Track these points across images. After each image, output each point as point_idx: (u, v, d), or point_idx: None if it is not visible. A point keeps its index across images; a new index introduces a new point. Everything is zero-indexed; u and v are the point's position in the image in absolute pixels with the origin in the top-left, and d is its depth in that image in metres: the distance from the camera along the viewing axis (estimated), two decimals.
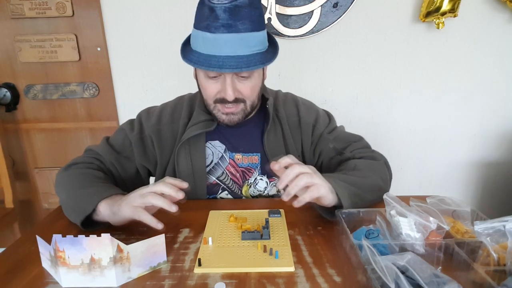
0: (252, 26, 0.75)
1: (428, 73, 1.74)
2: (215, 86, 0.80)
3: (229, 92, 0.78)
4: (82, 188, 0.76)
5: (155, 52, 1.73)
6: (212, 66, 0.74)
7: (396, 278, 0.49)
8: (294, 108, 0.95)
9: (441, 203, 0.72)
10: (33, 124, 1.86)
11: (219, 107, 0.83)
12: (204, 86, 0.83)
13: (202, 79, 0.82)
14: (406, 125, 1.83)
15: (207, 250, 0.66)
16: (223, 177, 0.92)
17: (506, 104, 1.79)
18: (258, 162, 0.92)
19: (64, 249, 0.55)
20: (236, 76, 0.79)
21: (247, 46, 0.75)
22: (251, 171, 0.93)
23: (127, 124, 0.94)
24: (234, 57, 0.74)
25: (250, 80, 0.81)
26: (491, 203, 1.95)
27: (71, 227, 0.77)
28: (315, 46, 1.71)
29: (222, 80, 0.79)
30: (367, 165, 0.86)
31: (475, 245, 0.60)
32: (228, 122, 0.85)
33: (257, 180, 0.93)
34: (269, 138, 0.91)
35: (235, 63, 0.73)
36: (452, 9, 1.53)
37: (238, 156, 0.92)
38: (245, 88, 0.81)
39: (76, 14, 1.69)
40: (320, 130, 0.94)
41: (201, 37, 0.76)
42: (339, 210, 0.71)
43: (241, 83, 0.80)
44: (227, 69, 0.73)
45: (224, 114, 0.84)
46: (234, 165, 0.92)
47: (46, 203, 1.97)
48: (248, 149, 0.92)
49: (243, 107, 0.83)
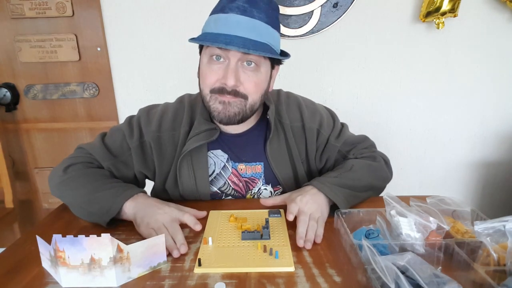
0: (268, 19, 0.73)
1: (428, 73, 1.74)
2: (217, 73, 0.75)
3: (230, 77, 0.73)
4: (100, 191, 0.76)
5: (155, 52, 1.73)
6: (218, 42, 0.70)
7: (396, 278, 0.49)
8: (297, 113, 0.91)
9: (441, 203, 0.72)
10: (33, 124, 1.86)
11: (216, 95, 0.76)
12: (204, 72, 0.77)
13: (205, 65, 0.77)
14: (406, 125, 1.83)
15: (207, 250, 0.66)
16: (225, 187, 0.90)
17: (506, 104, 1.79)
18: (262, 171, 0.90)
19: (64, 249, 0.55)
20: (241, 64, 0.74)
21: (258, 33, 0.72)
22: (254, 181, 0.90)
23: (125, 126, 0.88)
24: (242, 38, 0.70)
25: (256, 74, 0.76)
26: (491, 203, 1.95)
27: (71, 227, 0.77)
28: (315, 46, 1.71)
29: (225, 65, 0.74)
30: (363, 165, 0.86)
31: (475, 245, 0.60)
32: (224, 115, 0.77)
33: (261, 190, 0.91)
34: (272, 146, 0.87)
35: (242, 43, 0.69)
36: (452, 9, 1.53)
37: (242, 166, 0.89)
38: (248, 81, 0.75)
39: (76, 14, 1.69)
40: (325, 136, 0.91)
41: (214, 19, 0.74)
42: (338, 210, 0.73)
43: (245, 74, 0.75)
44: (233, 46, 0.69)
45: (220, 104, 0.76)
46: (237, 175, 0.90)
47: (46, 203, 1.97)
48: (251, 158, 0.89)
49: (243, 103, 0.77)
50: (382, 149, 0.99)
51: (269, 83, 0.83)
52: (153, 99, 0.95)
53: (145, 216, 0.72)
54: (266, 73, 0.79)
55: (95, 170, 0.83)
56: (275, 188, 0.92)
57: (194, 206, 0.84)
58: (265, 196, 0.92)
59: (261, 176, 0.90)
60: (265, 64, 0.78)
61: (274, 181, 0.91)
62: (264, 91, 0.81)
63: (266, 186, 0.91)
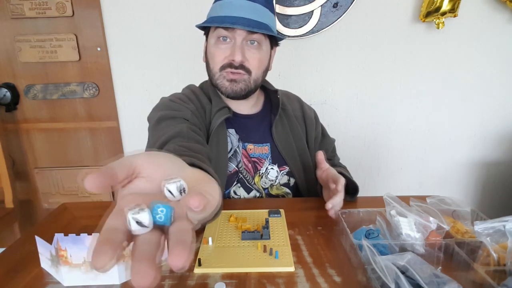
0: (266, 3, 0.83)
1: (428, 73, 1.75)
2: (224, 51, 0.83)
3: (237, 54, 0.81)
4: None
5: (155, 52, 1.73)
6: (226, 22, 0.79)
7: (396, 278, 0.49)
8: (297, 104, 1.03)
9: (441, 203, 0.72)
10: (33, 124, 1.86)
11: (224, 74, 0.85)
12: (212, 52, 0.85)
13: (212, 46, 0.85)
14: (406, 125, 1.83)
15: (207, 250, 0.66)
16: (240, 165, 0.93)
17: (506, 104, 1.79)
18: (269, 152, 0.95)
19: (66, 248, 0.55)
20: (246, 42, 0.83)
21: (260, 15, 0.82)
22: (261, 161, 0.94)
23: (177, 100, 0.88)
24: (247, 19, 0.80)
25: (259, 51, 0.85)
26: (491, 203, 1.95)
27: (71, 227, 0.77)
28: (315, 46, 1.71)
29: (232, 44, 0.83)
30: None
31: (475, 245, 0.60)
32: (231, 90, 0.86)
33: (268, 170, 0.94)
34: (277, 129, 0.95)
35: (247, 23, 0.79)
36: (452, 9, 1.53)
37: (250, 146, 0.94)
38: (253, 58, 0.84)
39: (76, 14, 1.69)
40: (319, 128, 1.04)
41: (219, 4, 0.83)
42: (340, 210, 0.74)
43: (250, 51, 0.84)
44: (239, 25, 0.79)
45: (228, 81, 0.85)
46: (247, 155, 0.93)
47: (46, 203, 1.97)
48: (258, 140, 0.95)
49: (247, 78, 0.86)
50: (382, 149, 1.00)
51: (269, 62, 0.93)
52: (153, 99, 0.95)
53: None
54: (267, 51, 0.89)
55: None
56: (281, 168, 0.96)
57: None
58: (272, 176, 0.94)
59: (268, 157, 0.95)
60: (266, 43, 0.87)
61: (280, 161, 0.95)
62: (265, 68, 0.91)
63: (273, 166, 0.95)
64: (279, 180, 0.95)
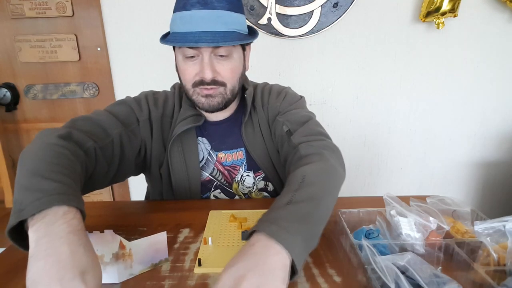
0: (229, 6, 0.74)
1: (428, 73, 1.75)
2: (193, 68, 0.78)
3: (206, 71, 0.76)
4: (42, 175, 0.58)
5: (155, 52, 1.73)
6: (188, 41, 0.72)
7: (396, 278, 0.49)
8: (267, 96, 0.92)
9: (441, 203, 0.72)
10: (33, 124, 1.86)
11: (198, 90, 0.80)
12: (182, 69, 0.80)
13: (180, 62, 0.80)
14: (406, 125, 1.83)
15: (207, 250, 0.66)
16: (214, 173, 0.91)
17: (506, 104, 1.79)
18: (244, 157, 0.91)
19: None
20: (214, 55, 0.77)
21: (224, 23, 0.74)
22: (236, 168, 0.91)
23: (132, 102, 0.87)
24: (210, 33, 0.72)
25: (229, 61, 0.79)
26: (491, 203, 1.96)
27: None
28: (315, 46, 1.71)
29: (200, 60, 0.77)
30: (317, 176, 0.63)
31: (475, 245, 0.60)
32: (208, 106, 0.81)
33: (243, 177, 0.92)
34: (247, 130, 0.89)
35: (211, 38, 0.72)
36: (452, 9, 1.53)
37: (221, 155, 0.91)
38: (224, 70, 0.78)
39: (76, 14, 1.69)
40: (276, 111, 0.89)
41: (179, 17, 0.75)
42: (338, 210, 0.72)
43: (220, 64, 0.78)
44: (203, 43, 0.71)
45: (203, 97, 0.80)
46: (220, 164, 0.91)
47: None
48: (231, 145, 0.91)
49: (223, 91, 0.80)
50: (382, 149, 0.98)
51: (244, 64, 0.86)
52: None
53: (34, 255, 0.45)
54: (239, 58, 0.82)
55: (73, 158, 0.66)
56: (257, 173, 0.92)
57: (194, 205, 0.84)
58: (248, 182, 0.92)
59: (243, 162, 0.91)
60: (237, 50, 0.80)
61: (255, 166, 0.91)
62: (241, 74, 0.84)
63: (248, 172, 0.92)
64: (256, 185, 0.93)
